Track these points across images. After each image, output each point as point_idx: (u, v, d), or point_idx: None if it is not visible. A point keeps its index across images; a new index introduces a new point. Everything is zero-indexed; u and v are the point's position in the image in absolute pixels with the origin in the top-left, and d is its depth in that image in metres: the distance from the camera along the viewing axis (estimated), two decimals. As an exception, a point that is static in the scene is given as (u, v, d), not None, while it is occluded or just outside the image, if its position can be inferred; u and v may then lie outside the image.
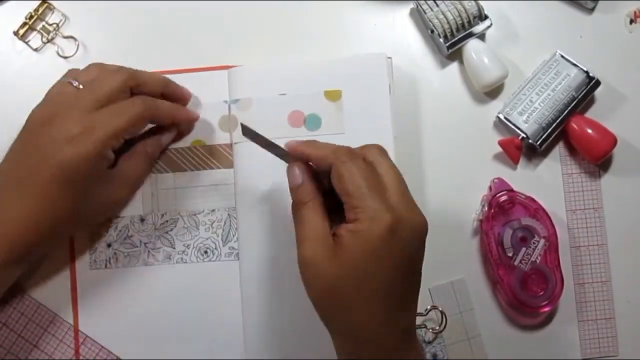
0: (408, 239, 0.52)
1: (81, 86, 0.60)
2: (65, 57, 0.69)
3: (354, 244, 0.51)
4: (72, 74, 0.62)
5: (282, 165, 0.57)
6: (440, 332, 0.66)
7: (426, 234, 0.54)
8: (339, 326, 0.53)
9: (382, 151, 0.55)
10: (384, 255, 0.51)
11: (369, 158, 0.54)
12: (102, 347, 0.65)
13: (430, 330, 0.66)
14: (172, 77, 0.67)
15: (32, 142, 0.58)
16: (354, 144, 0.56)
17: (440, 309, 0.66)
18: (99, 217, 0.65)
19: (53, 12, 0.69)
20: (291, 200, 0.56)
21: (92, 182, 0.58)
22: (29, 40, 0.69)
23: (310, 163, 0.56)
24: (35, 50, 0.69)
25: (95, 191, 0.60)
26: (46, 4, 0.69)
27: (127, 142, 0.61)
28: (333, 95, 0.67)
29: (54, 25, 0.69)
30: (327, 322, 0.54)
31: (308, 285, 0.54)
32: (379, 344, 0.52)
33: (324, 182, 0.56)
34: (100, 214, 0.65)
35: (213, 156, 0.67)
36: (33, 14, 0.69)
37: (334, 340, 0.55)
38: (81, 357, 0.65)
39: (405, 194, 0.54)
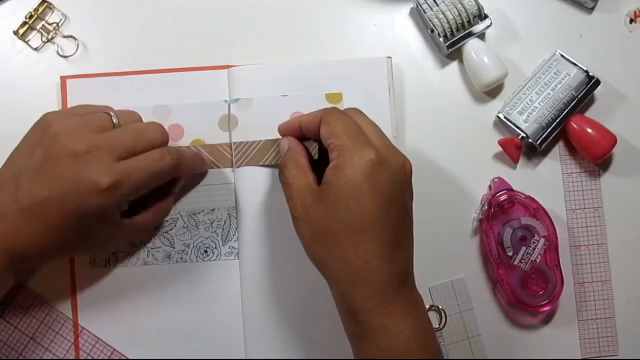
0: (392, 176, 0.54)
1: (116, 121, 0.59)
2: (66, 57, 0.69)
3: (338, 179, 0.54)
4: (109, 109, 0.61)
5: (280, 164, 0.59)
6: (440, 330, 0.66)
7: (411, 174, 0.57)
8: (332, 265, 0.54)
9: (359, 111, 0.59)
10: (369, 191, 0.53)
11: (349, 114, 0.58)
12: (102, 342, 0.65)
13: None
14: (172, 75, 0.67)
15: (57, 168, 0.55)
16: None
17: (440, 307, 0.67)
18: (99, 252, 0.66)
19: (53, 11, 0.69)
20: None
21: (103, 228, 0.58)
22: (29, 40, 0.69)
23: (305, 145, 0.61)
24: (36, 49, 0.69)
25: (103, 235, 0.59)
26: (46, 4, 0.69)
27: None
28: (334, 98, 0.67)
29: (54, 25, 0.69)
30: (321, 265, 0.55)
31: (302, 234, 0.56)
32: (371, 283, 0.53)
33: (312, 155, 0.61)
34: (100, 251, 0.65)
35: (213, 155, 0.66)
36: (33, 13, 0.69)
37: (331, 290, 0.55)
38: (81, 354, 0.65)
39: (385, 139, 0.57)
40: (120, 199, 0.56)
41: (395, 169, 0.55)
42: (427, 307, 0.66)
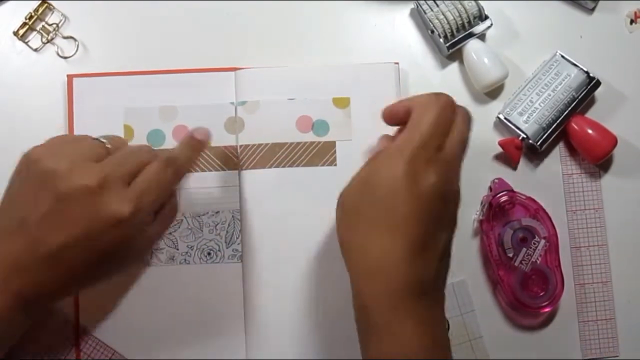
0: (425, 187, 0.51)
1: (109, 146, 0.56)
2: (65, 58, 0.68)
3: (375, 162, 0.53)
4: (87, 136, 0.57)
5: (285, 167, 0.62)
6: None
7: (448, 199, 0.53)
8: (352, 252, 0.52)
9: (468, 119, 0.56)
10: (408, 186, 0.50)
11: (456, 119, 0.55)
12: (102, 344, 0.65)
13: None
14: (179, 76, 0.67)
15: (71, 208, 0.51)
16: (361, 151, 0.59)
17: (444, 316, 0.67)
18: (118, 274, 0.60)
19: (53, 12, 0.69)
20: (294, 206, 0.62)
21: (127, 253, 0.55)
22: (28, 41, 0.69)
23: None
24: (35, 50, 0.69)
25: (125, 259, 0.57)
26: (46, 4, 0.69)
27: None
28: (341, 102, 0.67)
29: (54, 26, 0.69)
30: (343, 249, 0.53)
31: (336, 212, 0.54)
32: (387, 281, 0.50)
33: None
34: (119, 273, 0.60)
35: (218, 158, 0.66)
36: (33, 14, 0.69)
37: (351, 283, 0.53)
38: (82, 356, 0.65)
39: (451, 163, 0.54)
40: (142, 220, 0.54)
41: (430, 186, 0.51)
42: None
